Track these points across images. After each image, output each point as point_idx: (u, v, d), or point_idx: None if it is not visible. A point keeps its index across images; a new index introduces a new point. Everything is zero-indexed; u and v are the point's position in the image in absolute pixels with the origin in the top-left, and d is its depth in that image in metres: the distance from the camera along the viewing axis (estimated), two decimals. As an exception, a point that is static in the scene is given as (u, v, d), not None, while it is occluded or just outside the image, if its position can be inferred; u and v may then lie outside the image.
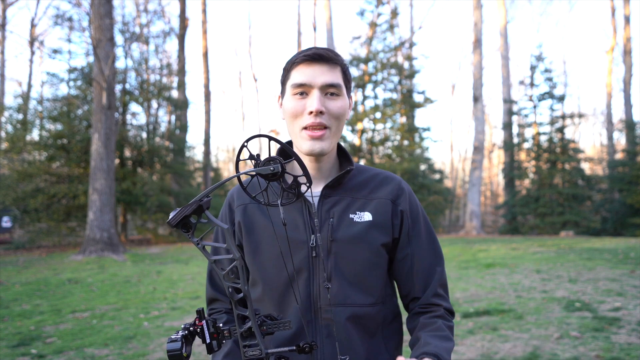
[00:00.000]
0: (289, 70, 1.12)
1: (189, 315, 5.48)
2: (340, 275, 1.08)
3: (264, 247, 1.11)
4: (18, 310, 5.82)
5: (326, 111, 1.07)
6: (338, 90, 1.09)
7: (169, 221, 0.78)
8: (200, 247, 0.80)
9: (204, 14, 23.25)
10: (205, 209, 0.79)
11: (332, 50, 1.11)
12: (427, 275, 1.16)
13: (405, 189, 1.19)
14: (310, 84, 1.07)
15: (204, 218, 0.80)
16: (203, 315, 0.84)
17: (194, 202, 0.78)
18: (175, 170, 18.30)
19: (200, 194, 0.79)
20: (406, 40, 22.31)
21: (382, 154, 20.94)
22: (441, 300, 1.15)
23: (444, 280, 1.18)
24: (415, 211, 1.18)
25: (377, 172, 1.21)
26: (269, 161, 0.78)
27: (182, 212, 0.77)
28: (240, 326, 0.82)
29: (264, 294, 1.11)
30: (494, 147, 34.10)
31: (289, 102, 1.10)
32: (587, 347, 3.79)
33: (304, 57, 1.08)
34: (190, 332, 0.83)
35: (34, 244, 14.92)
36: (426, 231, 1.19)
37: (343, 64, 1.12)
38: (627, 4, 23.35)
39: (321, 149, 1.08)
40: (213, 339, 0.84)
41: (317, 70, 1.07)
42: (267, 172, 0.78)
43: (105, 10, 12.23)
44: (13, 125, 16.78)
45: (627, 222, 18.43)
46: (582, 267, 7.85)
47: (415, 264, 1.16)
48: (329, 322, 1.06)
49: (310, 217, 1.10)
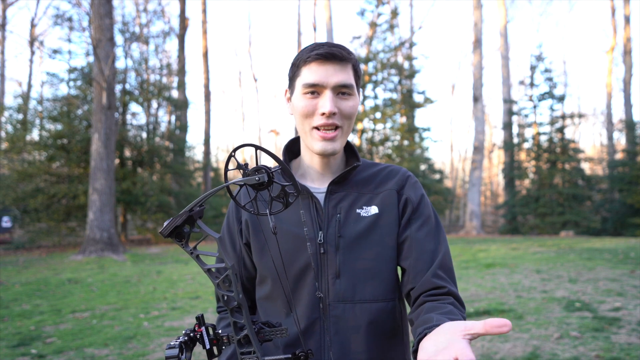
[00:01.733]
0: (299, 66, 1.08)
1: (189, 315, 5.47)
2: (349, 271, 1.06)
3: (271, 244, 1.10)
4: (18, 310, 5.82)
5: (338, 111, 1.05)
6: (350, 90, 1.07)
7: (161, 232, 0.78)
8: (194, 256, 0.79)
9: (204, 14, 23.26)
10: (196, 219, 0.79)
11: (344, 47, 1.08)
12: (429, 258, 1.07)
13: (410, 178, 1.17)
14: (322, 84, 1.04)
15: (197, 227, 0.79)
16: (202, 322, 0.84)
17: (185, 212, 0.77)
18: (175, 170, 18.30)
19: (191, 204, 0.79)
20: (406, 40, 22.32)
21: (382, 154, 20.94)
22: (444, 282, 1.03)
23: (447, 264, 1.07)
24: (419, 197, 1.15)
25: (383, 167, 1.19)
26: (256, 171, 0.78)
27: (173, 222, 0.77)
28: (238, 333, 0.82)
29: (273, 290, 1.10)
30: (494, 147, 34.10)
31: (300, 100, 1.07)
32: (587, 347, 3.78)
33: (316, 55, 1.04)
34: (190, 338, 0.83)
35: (34, 244, 14.93)
36: (429, 216, 1.14)
37: (355, 62, 1.09)
38: (627, 4, 23.35)
39: (333, 149, 1.07)
40: (213, 345, 0.84)
41: (329, 69, 1.04)
42: (253, 182, 0.77)
43: (105, 10, 12.23)
44: (13, 125, 16.78)
45: (627, 222, 18.44)
46: (582, 267, 7.85)
47: (415, 247, 1.08)
48: (337, 320, 1.05)
49: (317, 214, 1.09)
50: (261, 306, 1.16)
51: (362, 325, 1.05)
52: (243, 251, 1.17)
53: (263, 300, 1.14)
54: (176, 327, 4.91)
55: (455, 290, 1.04)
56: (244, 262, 1.18)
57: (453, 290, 1.03)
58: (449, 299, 1.00)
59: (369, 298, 1.06)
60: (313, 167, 1.15)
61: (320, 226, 1.08)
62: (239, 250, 1.17)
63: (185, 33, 21.67)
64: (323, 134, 1.06)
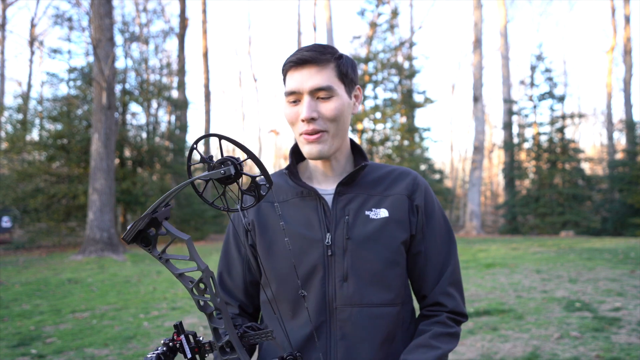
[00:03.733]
0: (284, 74, 1.09)
1: (189, 315, 5.48)
2: (357, 275, 1.04)
3: (277, 246, 1.08)
4: (18, 310, 5.81)
5: (319, 115, 1.03)
6: (329, 92, 1.03)
7: (123, 237, 0.73)
8: (163, 261, 0.74)
9: (204, 14, 23.27)
10: (161, 220, 0.73)
11: (323, 48, 1.05)
12: (438, 272, 1.11)
13: (421, 184, 1.15)
14: (299, 90, 1.03)
15: (163, 229, 0.74)
16: (182, 330, 0.79)
17: (147, 214, 0.72)
18: (175, 170, 18.29)
19: (153, 205, 0.73)
20: (406, 40, 22.31)
21: (382, 154, 20.93)
22: (448, 300, 1.10)
23: (456, 278, 1.12)
24: (431, 206, 1.14)
25: (392, 169, 1.18)
26: (221, 164, 0.72)
27: (135, 226, 0.72)
28: (219, 340, 0.77)
29: (279, 293, 1.09)
30: (494, 147, 34.10)
31: (285, 109, 1.08)
32: (587, 347, 3.78)
33: (289, 63, 1.04)
34: (169, 348, 0.78)
35: (34, 244, 14.92)
36: (441, 227, 1.14)
37: (337, 60, 1.05)
38: (627, 4, 23.35)
39: (319, 151, 1.05)
40: (195, 353, 0.79)
41: (304, 74, 1.03)
42: (218, 175, 0.72)
43: (105, 10, 12.23)
44: (13, 125, 16.78)
45: (627, 222, 18.43)
46: (582, 267, 7.85)
47: (428, 261, 1.11)
48: (343, 324, 1.03)
49: (325, 215, 1.08)
50: (265, 310, 1.15)
51: (369, 329, 1.04)
52: (248, 253, 1.15)
53: (268, 303, 1.12)
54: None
55: (457, 305, 1.11)
56: (249, 265, 1.16)
57: (454, 308, 1.10)
58: (442, 318, 1.09)
59: (376, 302, 1.05)
60: (318, 170, 1.14)
61: (328, 228, 1.06)
62: (244, 254, 1.16)
63: (185, 33, 21.67)
64: (306, 137, 1.05)
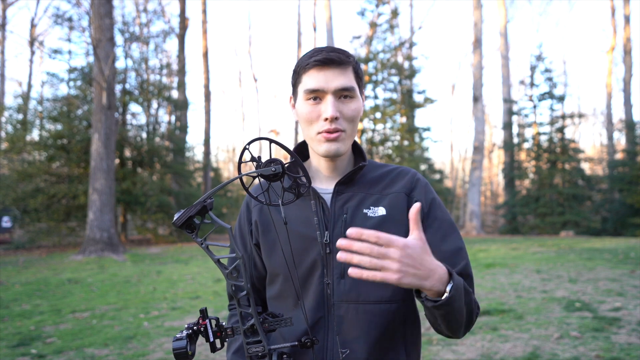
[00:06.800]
0: (300, 73, 1.10)
1: (189, 315, 5.48)
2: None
3: (279, 245, 1.11)
4: (18, 310, 5.82)
5: (340, 115, 1.06)
6: (352, 93, 1.08)
7: (174, 222, 0.80)
8: (204, 246, 0.82)
9: (204, 14, 23.25)
10: (209, 210, 0.81)
11: (343, 51, 1.09)
12: (450, 265, 1.06)
13: (421, 180, 1.16)
14: (323, 89, 1.06)
15: (207, 219, 0.82)
16: (206, 315, 0.86)
17: (199, 202, 0.80)
18: (175, 170, 18.29)
19: (204, 195, 0.81)
20: (406, 40, 22.31)
21: (382, 154, 20.93)
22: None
23: (468, 272, 1.08)
24: (431, 201, 1.13)
25: (392, 168, 1.19)
26: (270, 163, 0.81)
27: (187, 212, 0.80)
28: (244, 324, 0.84)
29: (284, 289, 1.12)
30: (494, 147, 34.11)
31: (303, 107, 1.09)
32: (587, 347, 3.79)
33: (315, 62, 1.06)
34: (194, 331, 0.85)
35: (34, 244, 14.92)
36: (442, 220, 1.12)
37: (355, 64, 1.10)
38: (627, 4, 23.34)
39: (337, 149, 1.08)
40: (216, 337, 0.86)
41: (329, 74, 1.06)
42: (268, 172, 0.80)
43: (105, 10, 12.23)
44: (13, 125, 16.79)
45: (627, 222, 18.43)
46: (582, 267, 7.85)
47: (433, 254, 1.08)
48: (340, 319, 1.05)
49: (324, 214, 1.10)
50: (271, 306, 1.17)
51: (365, 325, 1.05)
52: (254, 251, 1.19)
53: (273, 299, 1.16)
54: (176, 327, 4.92)
55: (474, 298, 1.05)
56: (254, 262, 1.20)
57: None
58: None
59: (373, 299, 1.06)
60: (320, 170, 1.17)
61: (327, 226, 1.09)
62: (250, 251, 1.20)
63: (185, 33, 21.66)
64: (326, 135, 1.07)
